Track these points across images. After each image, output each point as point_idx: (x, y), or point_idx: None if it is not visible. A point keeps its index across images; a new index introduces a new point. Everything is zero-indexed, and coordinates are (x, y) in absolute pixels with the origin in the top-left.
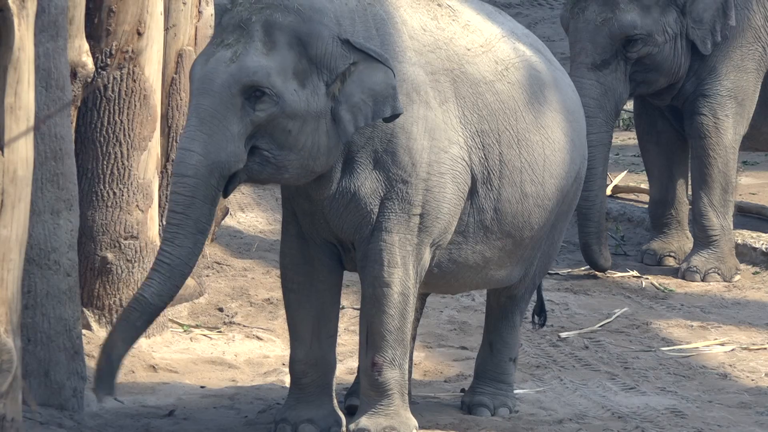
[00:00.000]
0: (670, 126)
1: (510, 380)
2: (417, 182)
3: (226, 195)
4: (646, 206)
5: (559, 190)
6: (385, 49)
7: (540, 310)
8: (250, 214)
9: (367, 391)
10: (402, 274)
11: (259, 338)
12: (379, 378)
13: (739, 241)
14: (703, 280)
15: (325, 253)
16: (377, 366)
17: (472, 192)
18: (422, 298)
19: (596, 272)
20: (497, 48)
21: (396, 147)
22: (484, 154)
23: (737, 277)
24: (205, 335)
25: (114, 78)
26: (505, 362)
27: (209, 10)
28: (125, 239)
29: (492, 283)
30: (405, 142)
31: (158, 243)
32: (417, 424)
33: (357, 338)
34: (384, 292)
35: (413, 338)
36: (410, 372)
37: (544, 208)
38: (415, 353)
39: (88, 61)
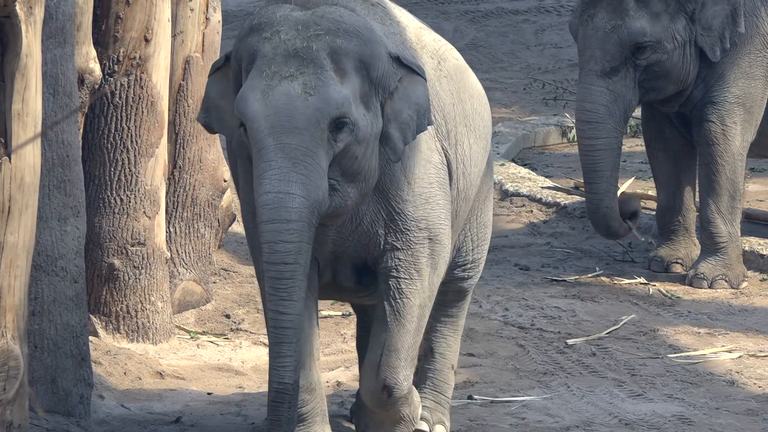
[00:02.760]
0: (678, 133)
1: (449, 392)
2: (415, 198)
3: None
4: (654, 213)
5: (479, 175)
6: None
7: None
8: None
9: (376, 410)
10: (420, 287)
11: (266, 345)
12: (388, 400)
13: (747, 248)
14: (710, 287)
15: (315, 271)
16: (388, 388)
17: None
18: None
19: (604, 279)
20: (425, 42)
21: (392, 166)
22: (447, 157)
23: (744, 284)
24: (212, 342)
25: (121, 84)
26: (447, 370)
27: (216, 17)
28: (132, 246)
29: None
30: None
31: (165, 250)
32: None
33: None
34: (404, 303)
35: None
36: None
37: (468, 200)
38: None
39: (96, 67)
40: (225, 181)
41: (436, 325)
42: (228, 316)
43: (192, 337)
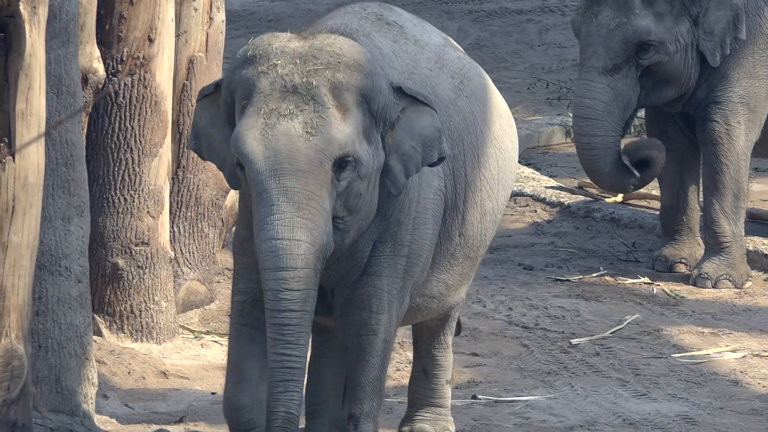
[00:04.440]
0: (682, 132)
1: (447, 404)
2: (408, 221)
3: None
4: (658, 213)
5: (507, 199)
6: None
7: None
8: None
9: None
10: (387, 320)
11: None
12: (355, 431)
13: (751, 248)
14: (714, 287)
15: None
16: (354, 418)
17: (442, 221)
18: None
19: (608, 278)
20: (447, 61)
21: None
22: (454, 180)
23: (748, 284)
24: (215, 341)
25: (125, 84)
26: (442, 386)
27: (220, 17)
28: (136, 245)
29: (448, 308)
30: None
31: (169, 250)
32: None
33: None
34: (369, 339)
35: None
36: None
37: (496, 222)
38: None
39: (99, 67)
40: None
41: (425, 347)
42: None
43: (196, 337)
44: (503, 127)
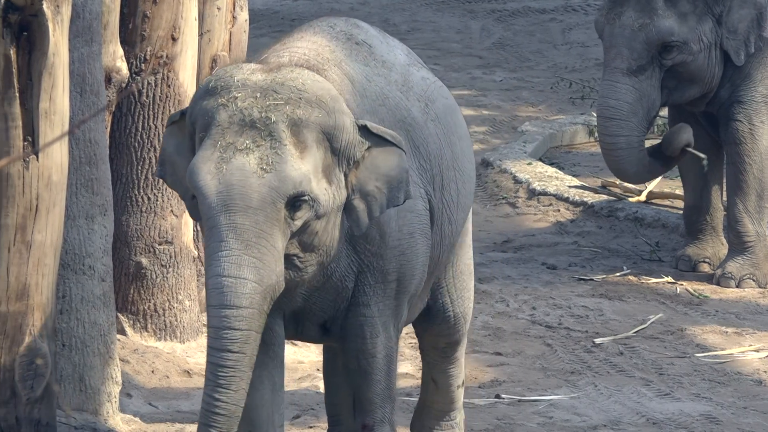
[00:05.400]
0: (705, 132)
1: (460, 404)
2: (387, 252)
3: None
4: (681, 212)
5: (465, 220)
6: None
7: None
8: None
9: None
10: (385, 340)
11: (293, 344)
12: None
13: None
14: (737, 286)
15: (279, 325)
16: (367, 428)
17: None
18: None
19: (632, 278)
20: (412, 82)
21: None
22: (431, 203)
23: None
24: None
25: (148, 83)
26: (454, 391)
27: (243, 16)
28: (160, 244)
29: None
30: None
31: (192, 249)
32: None
33: None
34: (369, 362)
35: None
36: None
37: (452, 245)
38: None
39: (123, 66)
40: None
41: (433, 358)
42: None
43: None
44: (463, 149)
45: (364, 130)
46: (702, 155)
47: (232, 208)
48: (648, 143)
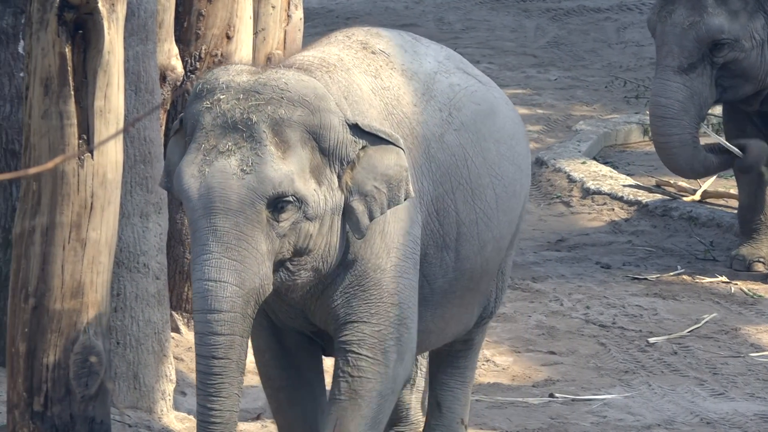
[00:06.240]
0: (759, 131)
1: None
2: (389, 267)
3: None
4: (736, 212)
5: (512, 222)
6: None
7: None
8: None
9: None
10: (383, 371)
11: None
12: None
13: None
14: None
15: (303, 338)
16: None
17: (428, 263)
18: None
19: (686, 277)
20: (436, 91)
21: (370, 232)
22: (439, 221)
23: None
24: None
25: None
26: (456, 425)
27: (298, 14)
28: None
29: (452, 336)
30: (380, 225)
31: None
32: None
33: None
34: (362, 383)
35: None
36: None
37: (501, 249)
38: (503, 357)
39: (178, 64)
40: None
41: (442, 377)
42: None
43: None
44: (501, 152)
45: (355, 129)
46: (738, 151)
47: (212, 211)
48: (703, 141)
